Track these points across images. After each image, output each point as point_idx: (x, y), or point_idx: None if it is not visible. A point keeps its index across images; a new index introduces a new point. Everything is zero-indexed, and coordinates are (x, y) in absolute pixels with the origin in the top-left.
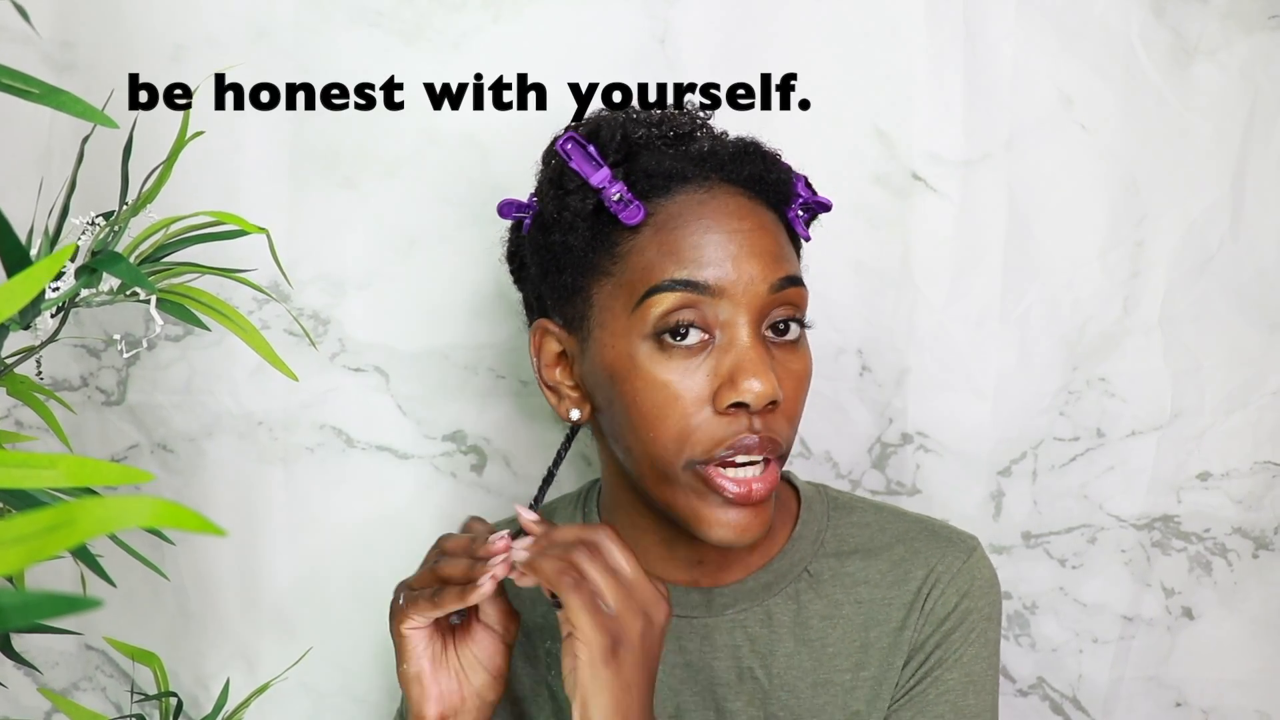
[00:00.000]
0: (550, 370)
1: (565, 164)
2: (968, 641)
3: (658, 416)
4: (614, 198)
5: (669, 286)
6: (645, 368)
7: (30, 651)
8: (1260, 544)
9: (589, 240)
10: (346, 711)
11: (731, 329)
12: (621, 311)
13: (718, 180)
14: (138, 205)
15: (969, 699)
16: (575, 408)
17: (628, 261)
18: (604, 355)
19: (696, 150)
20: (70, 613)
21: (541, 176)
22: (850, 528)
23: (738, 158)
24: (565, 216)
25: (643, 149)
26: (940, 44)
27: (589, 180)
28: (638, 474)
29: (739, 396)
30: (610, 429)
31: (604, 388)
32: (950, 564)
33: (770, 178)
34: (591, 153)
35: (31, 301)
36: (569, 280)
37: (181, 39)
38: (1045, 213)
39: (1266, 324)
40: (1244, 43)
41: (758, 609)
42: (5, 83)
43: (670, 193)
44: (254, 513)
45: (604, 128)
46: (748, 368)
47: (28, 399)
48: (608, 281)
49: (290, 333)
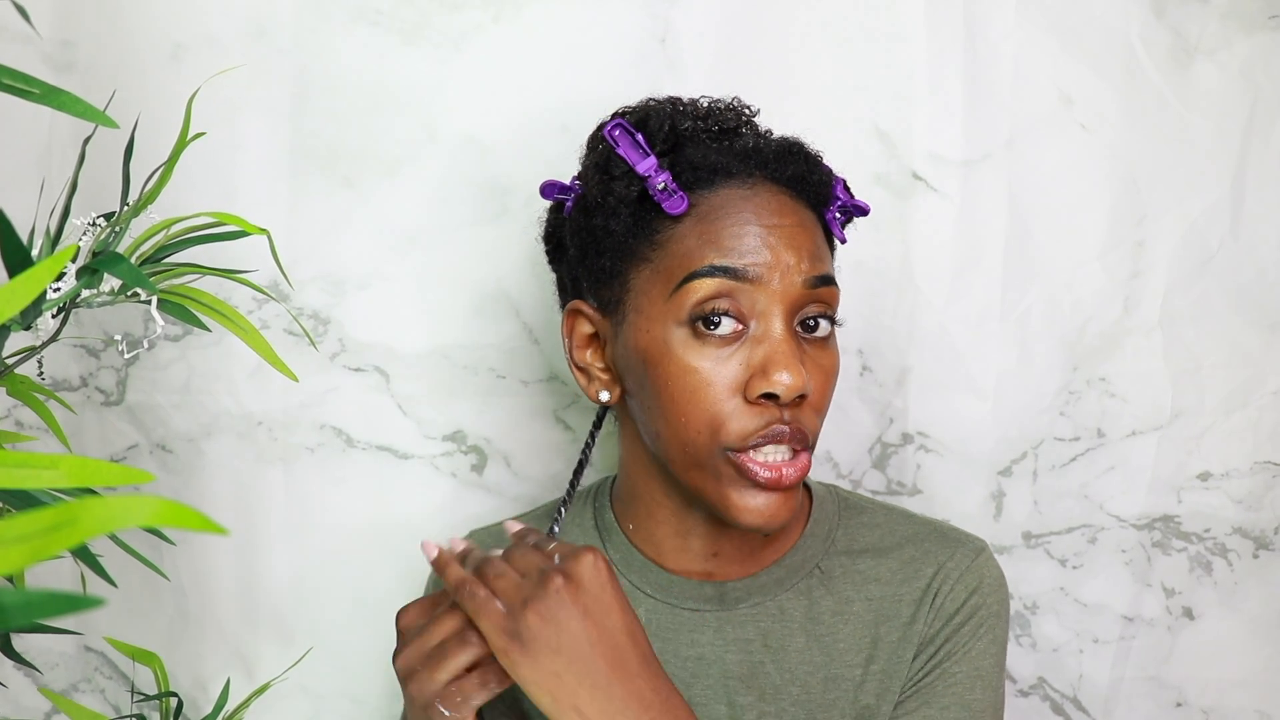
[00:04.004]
0: (581, 352)
1: (612, 150)
2: (976, 636)
3: (689, 402)
4: (659, 186)
5: (707, 272)
6: (678, 353)
7: (30, 652)
8: (1260, 544)
9: (630, 226)
10: (346, 712)
11: (766, 320)
12: (659, 296)
13: (761, 177)
14: (139, 206)
15: (975, 693)
16: (605, 389)
17: (668, 249)
18: (638, 339)
19: (741, 146)
20: (71, 612)
21: (587, 160)
22: (861, 527)
23: (782, 157)
24: (609, 201)
25: (689, 140)
26: (940, 44)
27: (635, 168)
28: (667, 458)
29: (770, 387)
30: (640, 413)
31: (636, 371)
32: (960, 561)
33: (812, 179)
34: (639, 140)
35: (33, 302)
36: (607, 264)
37: (181, 39)
38: (1045, 213)
39: (1266, 324)
40: (1244, 43)
41: (770, 604)
42: (5, 83)
43: (714, 186)
44: (253, 513)
45: (653, 117)
46: (779, 360)
47: (28, 399)
48: (646, 267)
49: (290, 333)
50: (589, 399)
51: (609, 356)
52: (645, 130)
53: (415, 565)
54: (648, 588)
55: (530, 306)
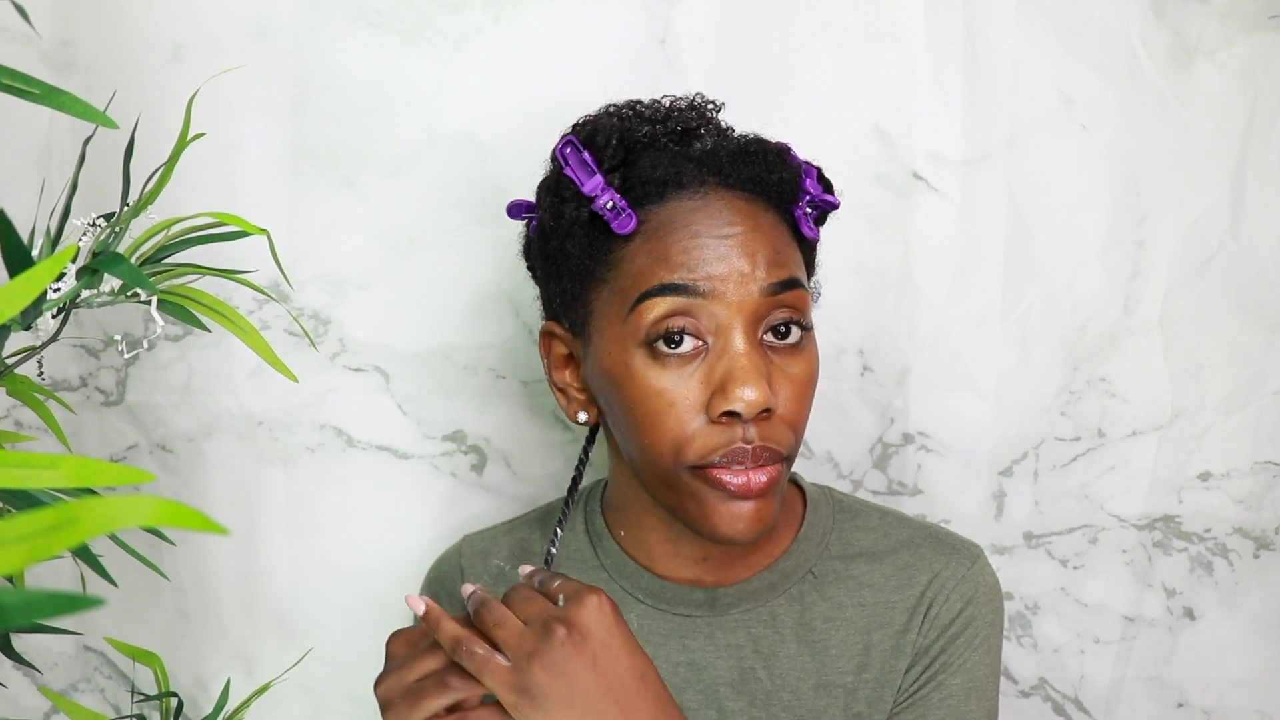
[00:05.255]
0: (560, 372)
1: (561, 169)
2: (971, 647)
3: (653, 424)
4: (606, 206)
5: (658, 291)
6: (640, 375)
7: (30, 652)
8: (1261, 544)
9: (585, 248)
10: (346, 712)
11: (725, 334)
12: (616, 319)
13: (714, 185)
14: (139, 206)
15: (970, 705)
16: (583, 410)
17: (620, 269)
18: (603, 361)
19: (699, 150)
20: (71, 612)
21: (541, 181)
22: (855, 531)
23: (737, 159)
24: (562, 224)
25: (644, 149)
26: (940, 44)
27: (581, 188)
28: (641, 476)
29: (730, 405)
30: (615, 431)
31: (605, 392)
32: (955, 570)
33: (771, 178)
34: (586, 159)
35: (33, 302)
36: (569, 286)
37: (181, 39)
38: (1045, 213)
39: (1266, 324)
40: (1244, 43)
41: (762, 609)
42: (5, 83)
43: (664, 199)
44: (254, 513)
45: (600, 131)
46: (739, 375)
47: (28, 399)
48: (604, 289)
49: (290, 333)
50: (569, 419)
51: (583, 377)
52: (592, 147)
53: (415, 565)
54: (639, 594)
55: (530, 306)
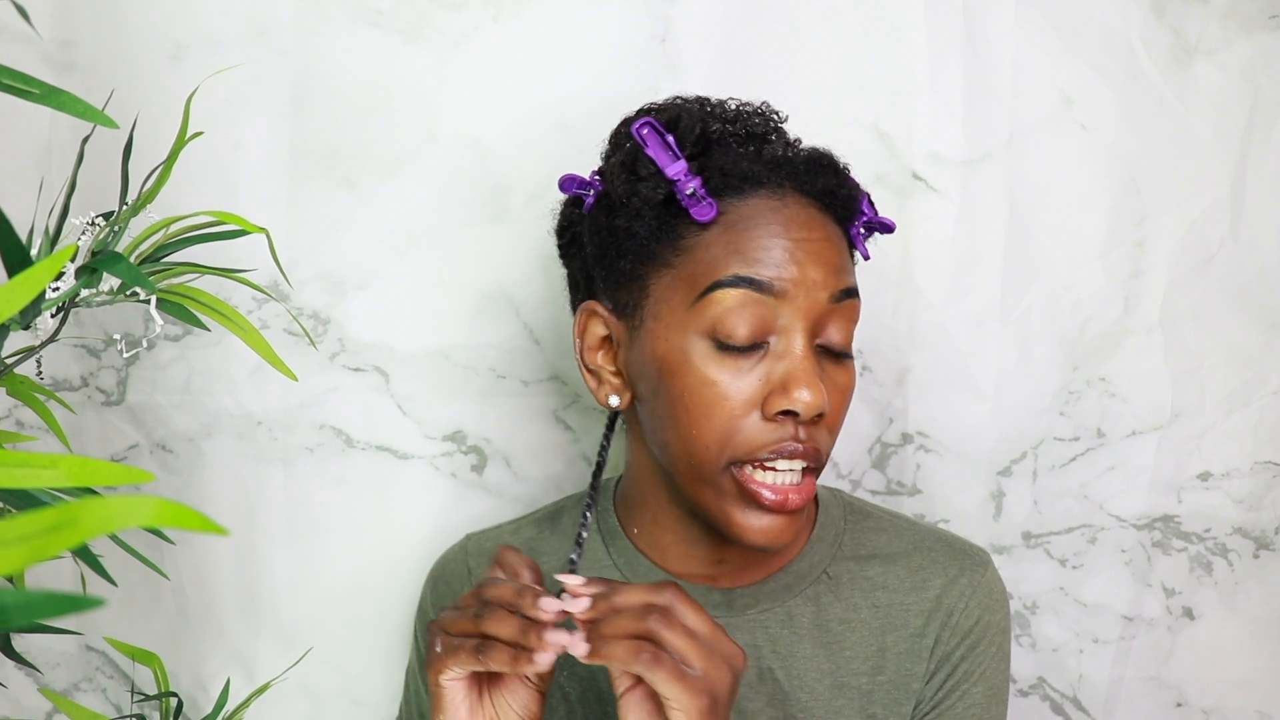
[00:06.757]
0: (593, 354)
1: (640, 149)
2: (988, 655)
3: (703, 415)
4: (688, 192)
5: (732, 282)
6: (697, 364)
7: (31, 652)
8: (1261, 544)
9: (654, 229)
10: (346, 713)
11: (788, 336)
12: (680, 304)
13: (792, 189)
14: (138, 205)
15: (991, 711)
16: (615, 394)
17: (692, 255)
18: (655, 346)
19: (770, 154)
20: (72, 612)
21: (612, 157)
22: (867, 533)
23: (812, 169)
24: (633, 202)
25: (717, 145)
26: (940, 44)
27: (664, 170)
28: (672, 469)
29: (790, 405)
30: (650, 421)
31: (650, 379)
32: (972, 577)
33: (840, 193)
34: (669, 142)
35: (32, 302)
36: (627, 266)
37: (181, 39)
38: (1045, 213)
39: (1266, 324)
40: (1244, 43)
41: (779, 610)
42: (5, 83)
43: (744, 194)
44: (253, 513)
45: (684, 118)
46: (801, 377)
47: (28, 399)
48: (668, 273)
49: (290, 332)
50: (598, 402)
51: (622, 361)
52: (676, 132)
53: (415, 565)
54: None
55: (530, 307)
